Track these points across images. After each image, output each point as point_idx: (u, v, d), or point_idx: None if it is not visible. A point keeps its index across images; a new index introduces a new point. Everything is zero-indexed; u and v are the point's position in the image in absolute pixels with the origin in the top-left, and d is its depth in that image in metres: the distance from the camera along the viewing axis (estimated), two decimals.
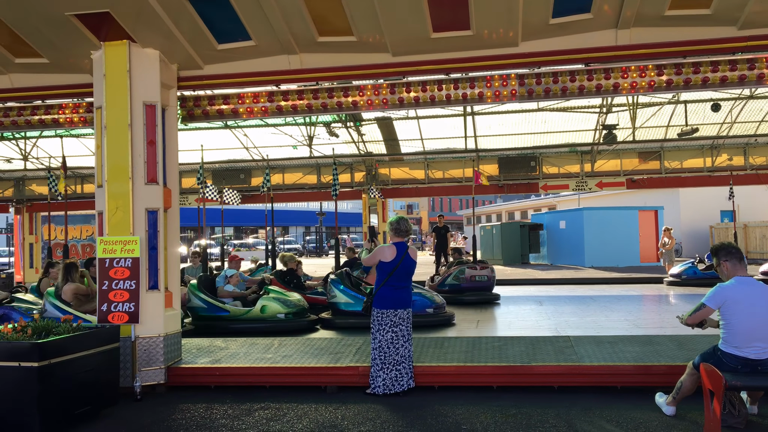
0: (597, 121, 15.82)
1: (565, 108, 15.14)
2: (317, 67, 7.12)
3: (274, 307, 9.85)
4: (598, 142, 16.44)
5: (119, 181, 6.53)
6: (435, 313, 10.15)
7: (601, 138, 15.89)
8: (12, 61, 7.02)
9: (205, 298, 10.01)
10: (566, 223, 26.70)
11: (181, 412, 5.86)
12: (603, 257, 23.88)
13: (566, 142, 17.16)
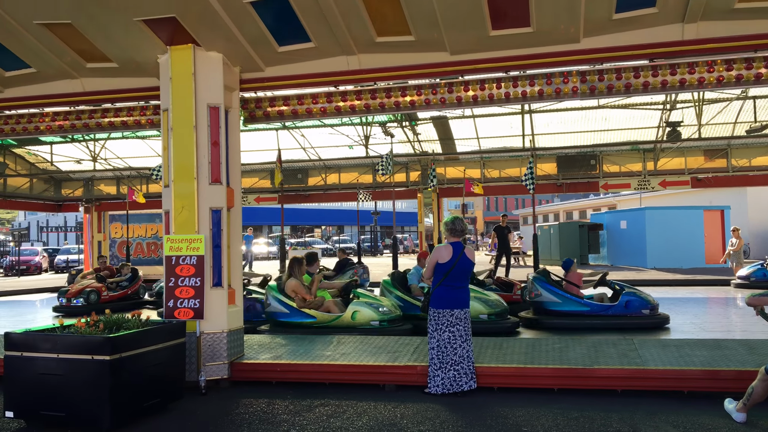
0: (660, 118, 15.37)
1: (626, 105, 14.77)
2: (375, 68, 7.17)
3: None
4: (662, 140, 15.98)
5: (185, 181, 6.73)
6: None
7: (665, 135, 15.43)
8: (84, 66, 7.33)
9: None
10: (627, 223, 26.02)
11: (244, 406, 6.00)
12: (666, 258, 23.17)
13: (628, 140, 16.73)
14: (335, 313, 9.05)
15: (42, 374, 5.31)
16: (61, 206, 21.93)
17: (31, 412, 5.41)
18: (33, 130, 8.34)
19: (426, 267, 6.41)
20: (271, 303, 9.13)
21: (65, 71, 7.43)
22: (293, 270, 9.24)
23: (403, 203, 49.36)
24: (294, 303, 9.03)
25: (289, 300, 9.04)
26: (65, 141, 16.59)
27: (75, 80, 7.64)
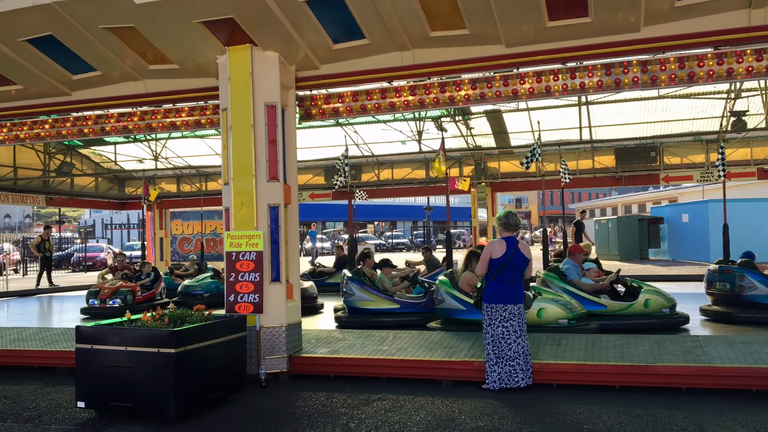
0: (724, 107, 14.81)
1: (688, 94, 14.29)
2: (429, 62, 7.15)
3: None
4: (726, 130, 15.39)
5: (244, 178, 6.88)
6: None
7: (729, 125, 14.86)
8: (146, 68, 7.56)
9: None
10: (689, 216, 25.18)
11: (303, 399, 6.10)
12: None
13: (690, 131, 16.19)
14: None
15: (111, 366, 5.53)
16: (124, 204, 22.71)
17: (101, 402, 5.64)
18: (99, 131, 8.66)
19: (480, 262, 6.37)
20: (445, 299, 8.54)
21: (129, 73, 7.68)
22: (471, 263, 8.50)
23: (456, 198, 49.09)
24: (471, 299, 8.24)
25: (465, 296, 8.45)
26: (128, 141, 17.14)
27: (138, 82, 7.89)
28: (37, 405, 6.13)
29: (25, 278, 24.14)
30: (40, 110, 8.57)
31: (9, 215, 78.58)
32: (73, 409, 5.89)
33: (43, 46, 7.08)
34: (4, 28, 6.71)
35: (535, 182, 19.07)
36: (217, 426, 5.32)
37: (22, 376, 7.44)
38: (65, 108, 8.47)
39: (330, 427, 5.20)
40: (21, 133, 8.92)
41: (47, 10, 6.30)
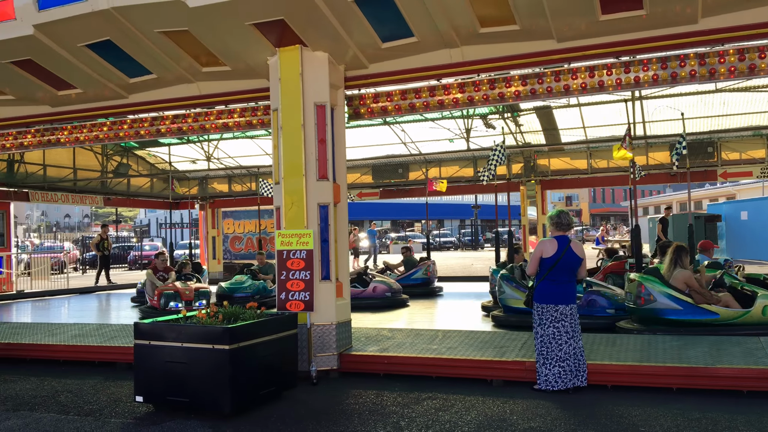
0: None
1: (748, 87, 13.75)
2: (478, 59, 7.09)
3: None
4: None
5: (294, 177, 6.96)
6: None
7: None
8: (200, 71, 7.72)
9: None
10: (749, 213, 24.30)
11: (354, 397, 6.13)
12: None
13: (749, 125, 15.58)
14: (739, 309, 7.81)
15: (168, 362, 5.67)
16: (178, 204, 23.24)
17: (159, 397, 5.79)
18: (154, 133, 8.90)
19: (530, 261, 6.28)
20: (657, 299, 7.99)
21: (183, 76, 7.86)
22: (681, 259, 8.03)
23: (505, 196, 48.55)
24: (688, 298, 7.81)
25: (681, 294, 7.89)
26: (181, 142, 17.52)
27: (192, 84, 8.07)
28: (97, 399, 6.34)
29: (85, 276, 25.00)
30: (98, 113, 8.86)
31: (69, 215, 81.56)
32: (131, 403, 6.06)
33: (101, 50, 7.31)
34: (65, 34, 6.95)
35: (586, 179, 18.69)
36: (271, 422, 5.40)
37: (84, 370, 7.70)
38: (122, 111, 8.73)
39: (381, 425, 5.21)
40: (81, 136, 9.23)
41: (105, 15, 6.50)
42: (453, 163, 19.37)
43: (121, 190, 20.55)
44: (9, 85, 8.33)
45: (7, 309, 14.77)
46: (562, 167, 18.36)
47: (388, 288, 12.78)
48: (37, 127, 9.38)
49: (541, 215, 18.97)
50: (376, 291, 12.72)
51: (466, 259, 29.33)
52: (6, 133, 9.61)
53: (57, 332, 9.12)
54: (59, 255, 24.47)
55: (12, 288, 17.78)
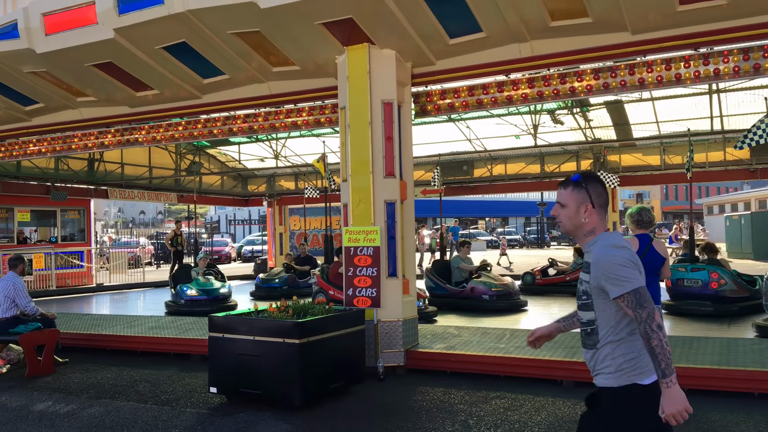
0: None
1: None
2: (548, 53, 6.95)
3: None
4: None
5: (361, 175, 7.01)
6: None
7: None
8: (270, 71, 7.87)
9: None
10: None
11: (421, 394, 6.13)
12: None
13: None
14: None
15: (240, 354, 5.82)
16: (247, 201, 23.84)
17: (231, 388, 5.95)
18: (227, 132, 9.15)
19: None
20: None
21: (254, 76, 8.04)
22: None
23: None
24: None
25: None
26: (250, 141, 17.93)
27: (262, 84, 8.24)
28: (173, 389, 6.57)
29: (159, 270, 25.96)
30: (173, 113, 9.17)
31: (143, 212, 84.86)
32: (205, 394, 6.25)
33: (176, 52, 7.55)
34: (143, 37, 7.21)
35: (659, 176, 18.03)
36: (339, 416, 5.46)
37: (160, 361, 8.00)
38: (196, 111, 9.00)
39: (449, 422, 5.19)
40: (157, 135, 9.59)
41: (181, 18, 6.71)
42: (519, 160, 19.07)
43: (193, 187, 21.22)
44: (91, 87, 8.72)
45: (88, 301, 15.51)
46: (633, 163, 17.78)
47: (486, 290, 11.22)
48: (116, 127, 9.79)
49: (611, 213, 18.44)
50: (475, 292, 11.32)
51: (532, 258, 28.83)
52: (88, 132, 10.08)
53: (135, 324, 9.51)
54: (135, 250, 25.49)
55: (92, 281, 18.65)
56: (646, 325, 2.37)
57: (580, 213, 2.59)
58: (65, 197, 17.38)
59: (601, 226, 2.63)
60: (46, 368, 7.45)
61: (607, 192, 2.64)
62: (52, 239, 18.50)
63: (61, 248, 17.90)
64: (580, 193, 2.59)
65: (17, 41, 7.52)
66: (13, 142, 10.93)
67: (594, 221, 2.61)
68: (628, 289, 2.43)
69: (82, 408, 5.94)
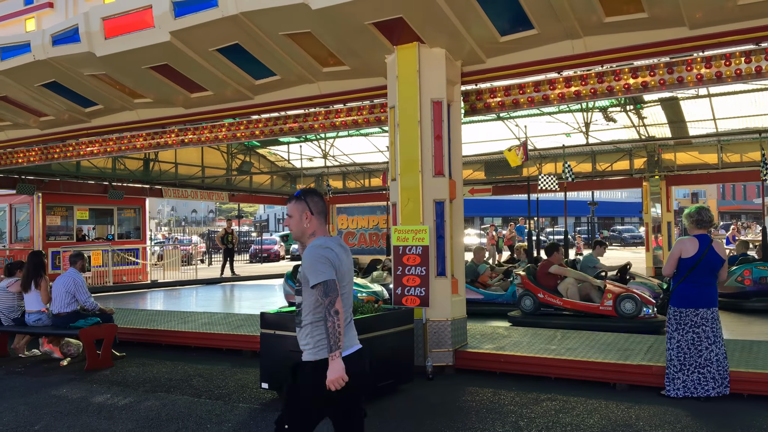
0: None
1: None
2: (602, 50, 6.82)
3: None
4: None
5: (410, 174, 7.00)
6: None
7: None
8: (320, 71, 7.95)
9: None
10: None
11: (470, 394, 6.10)
12: None
13: None
14: None
15: (291, 351, 5.85)
16: None
17: (282, 384, 6.02)
18: (278, 132, 9.28)
19: (667, 261, 5.93)
20: None
21: (304, 76, 8.13)
22: None
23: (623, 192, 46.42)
24: None
25: None
26: (299, 141, 18.15)
27: (312, 84, 8.33)
28: (226, 384, 6.70)
29: (210, 267, 26.52)
30: (226, 114, 9.35)
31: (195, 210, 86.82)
32: (257, 389, 6.36)
33: (230, 54, 7.70)
34: (198, 39, 7.38)
35: (716, 175, 17.47)
36: (389, 414, 5.48)
37: (213, 356, 8.17)
38: (248, 111, 9.16)
39: (499, 423, 5.15)
40: (211, 135, 9.80)
41: (234, 20, 6.84)
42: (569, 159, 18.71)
43: (243, 186, 21.62)
44: (148, 89, 8.97)
45: (143, 297, 15.96)
46: (689, 162, 17.29)
47: None
48: (171, 127, 10.05)
49: (666, 213, 17.96)
50: None
51: None
52: (145, 133, 10.37)
53: (188, 320, 9.74)
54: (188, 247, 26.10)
55: (147, 278, 19.19)
56: (326, 310, 3.03)
57: (302, 220, 3.24)
58: (122, 196, 17.93)
59: (320, 230, 3.27)
60: (104, 362, 7.69)
61: (324, 203, 3.27)
62: (109, 237, 19.11)
63: (117, 245, 18.47)
64: (300, 204, 3.25)
65: (78, 45, 7.78)
66: (74, 142, 11.33)
67: (314, 226, 3.26)
68: (321, 279, 3.06)
69: (139, 401, 6.12)
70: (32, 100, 9.61)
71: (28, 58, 8.23)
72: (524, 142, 11.62)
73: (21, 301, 8.37)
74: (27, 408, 5.98)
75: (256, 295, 15.93)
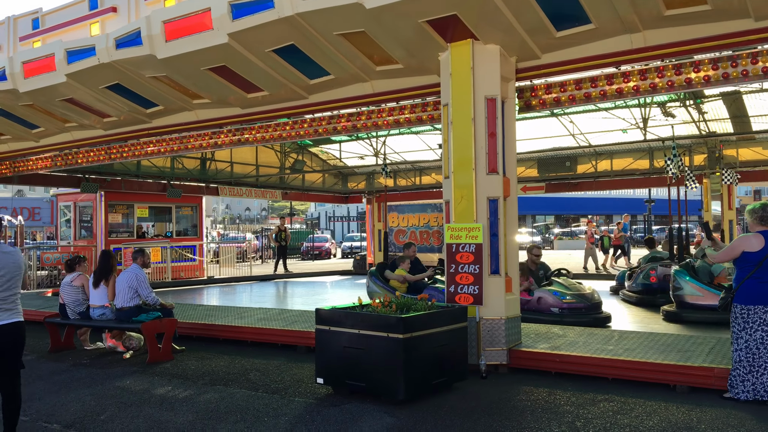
0: None
1: None
2: (662, 44, 6.64)
3: None
4: None
5: (464, 172, 6.98)
6: None
7: None
8: (373, 69, 7.99)
9: None
10: None
11: (525, 393, 6.04)
12: None
13: None
14: None
15: (346, 347, 5.96)
16: (347, 198, 24.36)
17: (337, 380, 6.10)
18: (331, 131, 9.38)
19: (723, 251, 5.75)
20: None
21: (358, 75, 8.19)
22: None
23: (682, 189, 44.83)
24: None
25: None
26: (351, 139, 18.27)
27: (366, 83, 8.37)
28: (282, 378, 6.83)
29: (264, 264, 27.00)
30: (281, 113, 9.50)
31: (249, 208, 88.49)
32: (312, 384, 6.46)
33: (285, 54, 7.82)
34: (254, 40, 7.52)
35: None
36: (443, 411, 5.48)
37: (268, 351, 8.33)
38: (302, 111, 9.28)
39: (555, 423, 5.09)
40: (266, 135, 9.97)
41: (290, 21, 6.94)
42: (626, 155, 18.34)
43: (296, 185, 21.93)
44: (206, 90, 9.19)
45: (200, 293, 16.38)
46: (752, 158, 16.67)
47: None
48: (228, 127, 10.27)
49: (727, 210, 17.38)
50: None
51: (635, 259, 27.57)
52: (203, 133, 10.63)
53: (245, 315, 9.94)
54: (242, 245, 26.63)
55: (203, 274, 19.68)
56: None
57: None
58: (180, 194, 18.45)
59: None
60: (165, 355, 7.94)
61: None
62: (168, 234, 19.68)
63: (176, 242, 19.01)
64: None
65: (140, 48, 8.03)
66: (135, 143, 11.71)
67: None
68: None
69: (199, 393, 6.29)
70: (96, 102, 9.97)
71: (93, 61, 8.54)
72: None
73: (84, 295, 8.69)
74: (93, 398, 6.23)
75: (309, 292, 16.15)
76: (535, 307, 9.52)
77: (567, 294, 9.53)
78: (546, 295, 9.56)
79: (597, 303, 9.58)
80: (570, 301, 9.44)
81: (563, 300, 9.46)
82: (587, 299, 9.50)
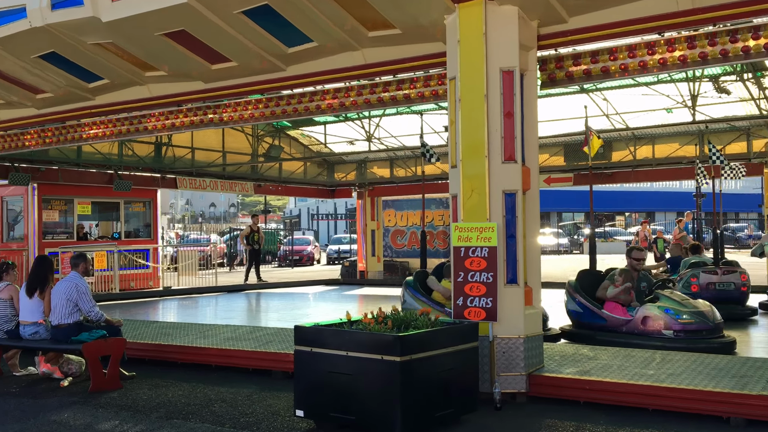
0: None
1: None
2: (715, 5, 6.66)
3: None
4: None
5: (474, 159, 6.98)
6: None
7: None
8: (365, 36, 8.01)
9: None
10: None
11: (548, 428, 6.07)
12: None
13: None
14: None
15: (330, 372, 5.96)
16: (334, 192, 24.30)
17: (321, 412, 6.11)
18: (314, 110, 9.41)
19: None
20: None
21: (346, 43, 8.20)
22: None
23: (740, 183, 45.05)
24: None
25: None
26: (338, 120, 18.24)
27: (356, 52, 8.41)
28: (254, 411, 6.84)
29: (232, 272, 27.00)
30: (253, 88, 9.51)
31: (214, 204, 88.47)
32: (291, 417, 6.47)
33: (257, 16, 7.83)
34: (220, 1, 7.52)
35: None
36: None
37: (237, 377, 8.34)
38: (278, 85, 9.30)
39: None
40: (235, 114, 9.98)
41: None
42: (671, 140, 18.38)
43: (272, 175, 21.85)
44: (161, 60, 9.20)
45: (154, 307, 16.38)
46: None
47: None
48: (189, 105, 10.28)
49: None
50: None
51: None
52: (158, 112, 10.63)
53: (208, 334, 9.96)
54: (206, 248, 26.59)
55: (158, 284, 19.62)
56: None
57: None
58: (130, 187, 18.32)
59: None
60: (111, 382, 7.93)
61: None
62: (115, 235, 19.60)
63: (124, 245, 18.92)
64: None
65: (81, 9, 8.02)
66: (75, 124, 11.69)
67: None
68: None
69: (152, 429, 6.30)
70: (28, 75, 9.96)
71: (23, 25, 8.52)
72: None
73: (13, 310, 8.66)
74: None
75: (287, 306, 16.18)
76: (638, 330, 8.99)
77: (683, 312, 8.85)
78: (654, 313, 8.97)
79: (719, 324, 8.95)
80: (687, 321, 8.79)
81: (678, 320, 8.83)
82: (708, 319, 8.85)
